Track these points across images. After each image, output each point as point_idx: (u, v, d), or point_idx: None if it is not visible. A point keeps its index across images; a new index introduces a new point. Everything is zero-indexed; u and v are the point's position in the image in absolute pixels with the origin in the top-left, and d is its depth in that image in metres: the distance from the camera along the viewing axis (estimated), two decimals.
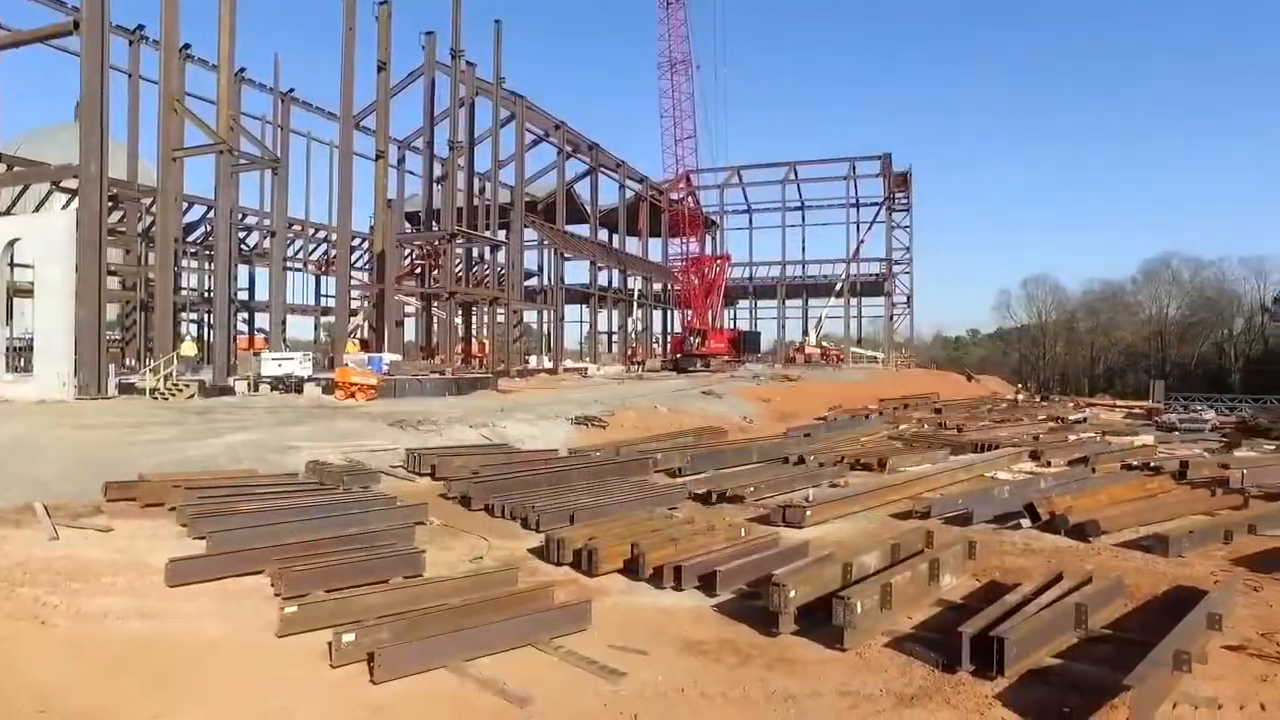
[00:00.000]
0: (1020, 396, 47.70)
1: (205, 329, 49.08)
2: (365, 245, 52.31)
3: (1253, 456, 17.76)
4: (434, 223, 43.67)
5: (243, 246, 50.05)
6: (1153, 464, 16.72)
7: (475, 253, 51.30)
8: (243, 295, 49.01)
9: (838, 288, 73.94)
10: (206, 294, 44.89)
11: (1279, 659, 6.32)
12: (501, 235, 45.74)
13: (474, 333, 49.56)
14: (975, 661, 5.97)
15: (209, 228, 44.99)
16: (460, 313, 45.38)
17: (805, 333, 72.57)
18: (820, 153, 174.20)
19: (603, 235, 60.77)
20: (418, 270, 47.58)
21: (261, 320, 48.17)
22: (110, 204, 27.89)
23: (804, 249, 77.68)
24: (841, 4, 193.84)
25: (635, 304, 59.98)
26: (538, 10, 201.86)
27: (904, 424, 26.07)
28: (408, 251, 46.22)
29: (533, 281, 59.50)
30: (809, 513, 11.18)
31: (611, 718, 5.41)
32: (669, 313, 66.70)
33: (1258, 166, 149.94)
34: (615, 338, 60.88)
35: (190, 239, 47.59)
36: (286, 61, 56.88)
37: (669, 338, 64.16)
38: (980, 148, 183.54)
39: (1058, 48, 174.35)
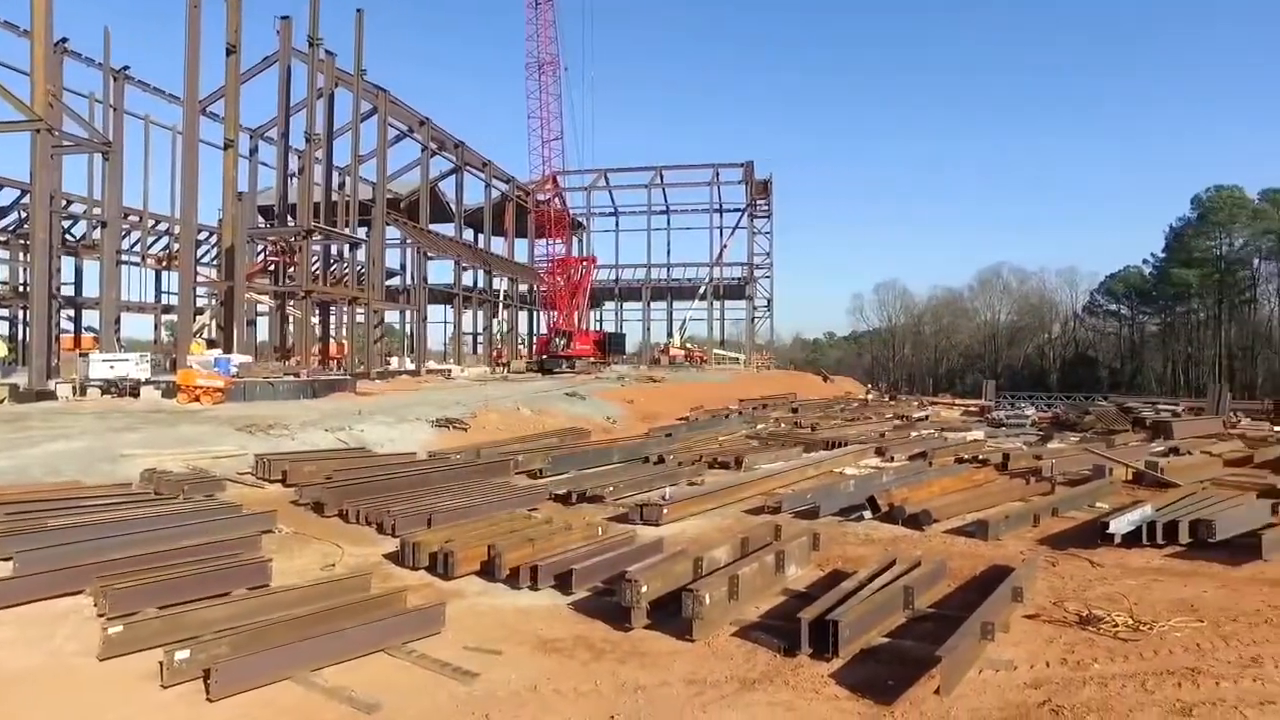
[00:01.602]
0: (871, 396, 50.51)
1: (20, 327, 44.58)
2: (213, 239, 49.05)
3: (1061, 448, 19.73)
4: (289, 218, 41.47)
5: (68, 236, 45.75)
6: (981, 457, 18.27)
7: (334, 250, 49.19)
8: (68, 291, 44.68)
9: (701, 291, 75.89)
10: (22, 288, 40.70)
11: (1064, 623, 7.19)
12: (362, 233, 44.00)
13: (332, 333, 47.49)
14: (814, 645, 6.36)
15: (24, 214, 40.82)
16: (317, 312, 43.38)
17: (670, 335, 74.01)
18: (686, 153, 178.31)
19: (468, 235, 59.64)
20: (271, 267, 45.04)
21: (91, 318, 44.23)
22: None
23: (669, 252, 79.20)
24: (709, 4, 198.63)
25: (501, 305, 59.25)
26: (403, 5, 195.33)
27: (762, 423, 27.13)
28: (261, 247, 43.66)
29: (395, 281, 57.61)
30: (665, 510, 11.49)
31: (463, 718, 5.41)
32: (535, 314, 66.32)
33: (1083, 179, 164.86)
34: (480, 339, 59.90)
35: (0, 226, 42.99)
36: (120, 36, 52.34)
37: (534, 339, 63.81)
38: (840, 152, 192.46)
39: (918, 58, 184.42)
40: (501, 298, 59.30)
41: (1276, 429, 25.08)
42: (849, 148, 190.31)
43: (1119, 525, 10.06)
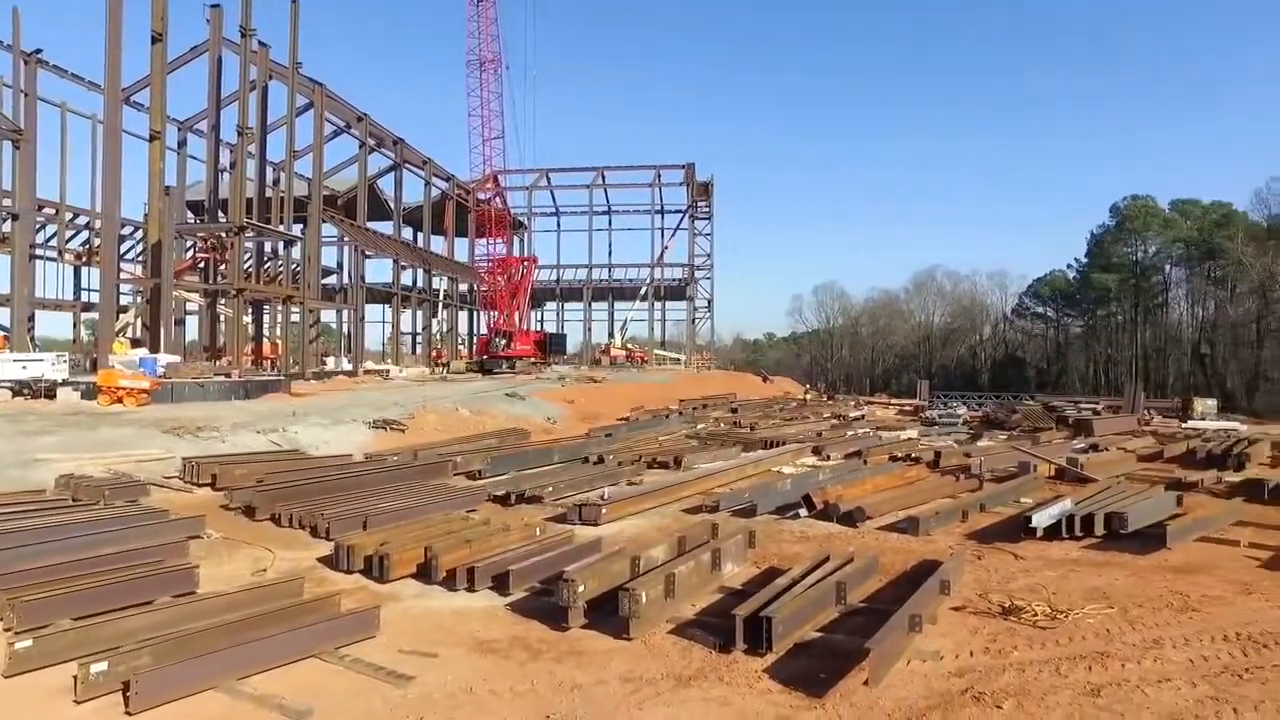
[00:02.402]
0: (809, 396, 51.33)
1: None
2: (138, 234, 47.12)
3: (989, 445, 20.45)
4: (221, 213, 40.13)
5: None
6: (913, 455, 18.77)
7: (268, 247, 47.83)
8: None
9: (642, 292, 76.09)
10: None
11: (988, 613, 7.50)
12: (297, 229, 42.85)
13: (266, 333, 46.16)
14: (748, 641, 6.48)
15: None
16: (250, 311, 42.08)
17: (611, 335, 73.97)
18: (629, 156, 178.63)
19: (407, 233, 58.63)
20: (201, 264, 43.57)
21: (1, 315, 42.00)
22: None
23: (610, 253, 79.18)
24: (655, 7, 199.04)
25: (440, 304, 58.47)
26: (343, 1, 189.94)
27: (702, 423, 27.37)
28: (190, 243, 42.15)
29: (331, 279, 56.32)
30: (604, 510, 11.53)
31: None
32: (475, 314, 65.59)
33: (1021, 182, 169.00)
34: (419, 339, 58.99)
35: None
36: (32, 17, 49.62)
37: (474, 339, 63.09)
38: (780, 155, 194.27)
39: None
40: (441, 297, 58.54)
41: (1184, 426, 26.46)
42: (800, 150, 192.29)
43: (1041, 519, 10.50)
